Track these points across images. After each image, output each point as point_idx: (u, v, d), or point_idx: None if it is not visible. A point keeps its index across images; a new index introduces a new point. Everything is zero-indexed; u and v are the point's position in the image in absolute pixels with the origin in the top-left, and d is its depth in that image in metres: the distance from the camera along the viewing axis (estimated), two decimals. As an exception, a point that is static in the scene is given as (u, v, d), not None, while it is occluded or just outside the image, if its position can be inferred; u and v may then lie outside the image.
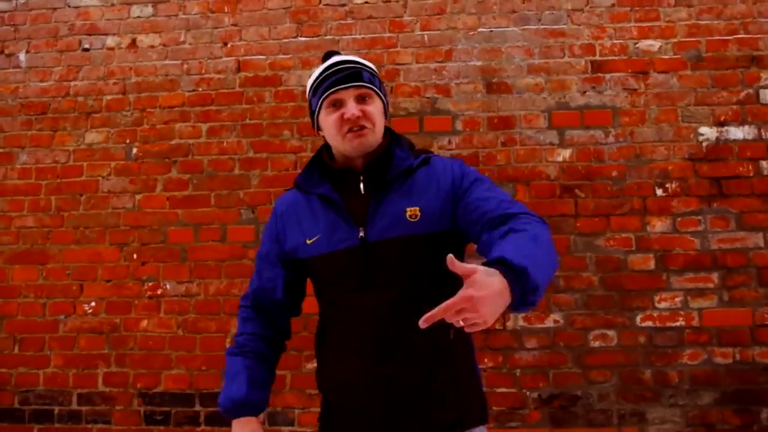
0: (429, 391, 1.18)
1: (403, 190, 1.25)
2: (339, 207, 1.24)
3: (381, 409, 1.19)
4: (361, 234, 1.21)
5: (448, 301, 0.88)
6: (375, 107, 1.25)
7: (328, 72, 1.26)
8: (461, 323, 0.90)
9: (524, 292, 0.94)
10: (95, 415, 2.57)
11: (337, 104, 1.24)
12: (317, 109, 1.28)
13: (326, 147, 1.36)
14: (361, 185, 1.26)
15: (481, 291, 0.88)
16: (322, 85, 1.26)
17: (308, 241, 1.26)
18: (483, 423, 1.24)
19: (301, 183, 1.33)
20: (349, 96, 1.23)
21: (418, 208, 1.22)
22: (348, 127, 1.22)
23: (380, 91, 1.30)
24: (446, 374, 1.20)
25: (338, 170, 1.29)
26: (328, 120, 1.25)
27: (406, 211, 1.21)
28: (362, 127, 1.23)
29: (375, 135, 1.25)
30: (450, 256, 0.91)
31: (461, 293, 0.89)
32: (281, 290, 1.34)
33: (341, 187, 1.27)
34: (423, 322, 0.89)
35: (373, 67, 1.31)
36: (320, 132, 1.32)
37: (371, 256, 1.20)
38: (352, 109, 1.22)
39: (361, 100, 1.24)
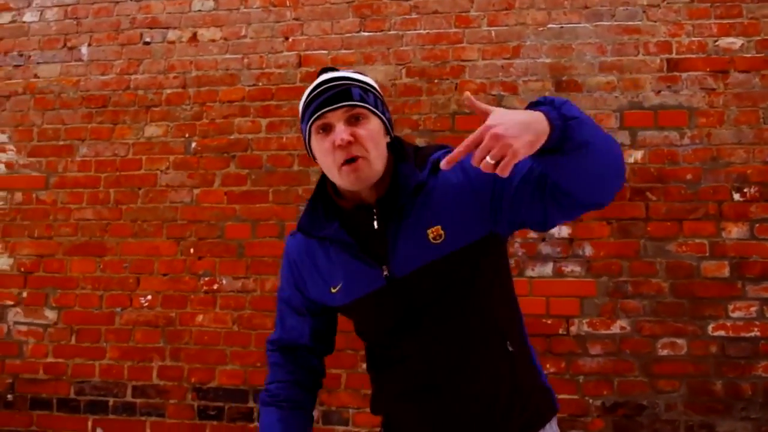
0: (494, 414, 1.24)
1: (416, 211, 1.26)
2: (352, 248, 1.27)
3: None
4: (386, 273, 1.24)
5: (465, 140, 0.95)
6: (369, 129, 1.23)
7: (314, 93, 1.25)
8: (491, 162, 0.93)
9: (563, 117, 1.00)
10: (149, 408, 2.99)
11: (327, 129, 1.23)
12: (307, 137, 1.28)
13: (328, 179, 1.36)
14: (374, 219, 1.26)
15: (499, 119, 0.94)
16: (309, 108, 1.25)
17: (333, 290, 1.31)
18: (554, 413, 1.34)
19: (306, 227, 1.35)
20: (337, 118, 1.21)
21: (439, 227, 1.23)
22: (342, 158, 1.20)
23: (376, 108, 1.27)
24: (509, 390, 1.26)
25: (347, 208, 1.29)
26: (319, 149, 1.25)
27: (427, 234, 1.23)
28: (355, 159, 1.21)
29: (372, 163, 1.23)
30: (467, 93, 1.01)
31: (480, 128, 0.94)
32: (308, 337, 1.42)
33: (352, 223, 1.29)
34: (445, 164, 0.98)
35: (369, 81, 1.30)
36: (316, 161, 1.31)
37: (402, 294, 1.24)
38: (341, 133, 1.19)
39: (352, 121, 1.22)
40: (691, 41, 2.80)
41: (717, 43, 2.79)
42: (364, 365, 2.83)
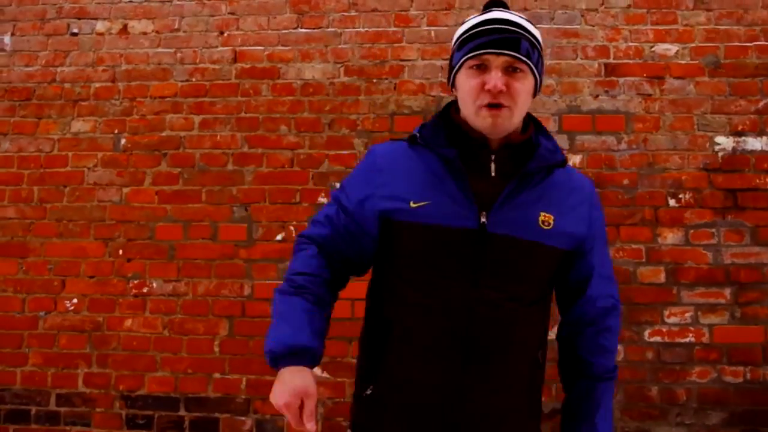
0: (508, 413, 1.43)
1: (540, 188, 1.46)
2: (463, 178, 1.41)
3: (452, 419, 1.40)
4: (483, 220, 1.39)
5: None
6: (523, 85, 1.41)
7: (481, 28, 1.42)
8: None
9: None
10: (74, 417, 3.30)
11: (482, 68, 1.40)
12: (457, 66, 1.46)
13: (455, 105, 1.55)
14: (492, 165, 1.45)
15: None
16: (471, 41, 1.42)
17: (413, 204, 1.41)
18: None
19: (428, 136, 1.48)
20: (497, 64, 1.38)
21: (552, 217, 1.43)
22: (486, 101, 1.39)
23: (536, 68, 1.45)
24: (527, 400, 1.48)
25: (471, 138, 1.47)
26: (465, 84, 1.43)
27: (539, 215, 1.42)
28: (500, 105, 1.39)
29: (513, 118, 1.42)
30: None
31: None
32: (356, 253, 1.53)
33: (467, 158, 1.44)
34: None
35: (537, 35, 1.47)
36: (454, 91, 1.52)
37: (488, 248, 1.38)
38: (495, 79, 1.37)
39: (510, 71, 1.39)
40: (627, 46, 3.22)
41: (653, 49, 3.22)
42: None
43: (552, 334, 1.60)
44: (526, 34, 1.41)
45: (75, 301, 3.32)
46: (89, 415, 3.26)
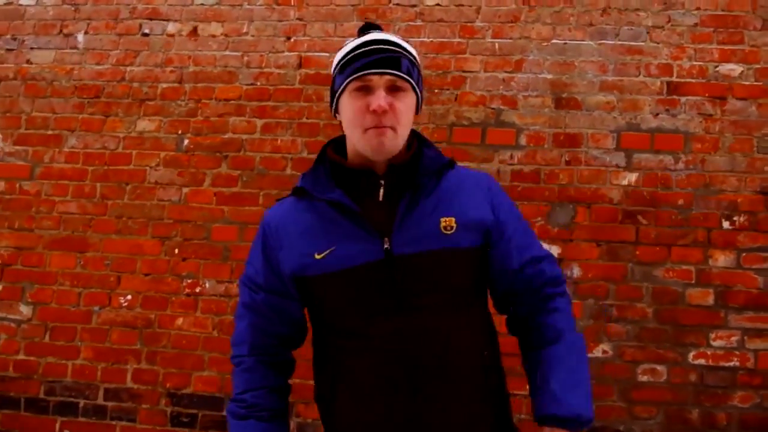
0: (470, 425, 1.81)
1: (435, 195, 1.87)
2: (355, 215, 1.80)
3: None
4: (386, 246, 1.78)
5: None
6: (406, 104, 1.83)
7: (361, 50, 1.82)
8: None
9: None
10: (121, 412, 4.32)
11: (366, 90, 1.79)
12: (339, 90, 1.85)
13: (334, 143, 1.99)
14: (381, 191, 1.85)
15: None
16: (352, 64, 1.81)
17: (318, 256, 1.81)
18: None
19: (308, 187, 1.88)
20: (381, 83, 1.78)
21: (453, 219, 1.84)
22: (373, 123, 1.77)
23: (417, 85, 1.87)
24: (483, 402, 1.85)
25: (354, 171, 1.88)
26: (349, 106, 1.82)
27: (440, 222, 1.82)
28: (385, 127, 1.78)
29: (398, 138, 1.82)
30: None
31: None
32: (286, 324, 1.95)
33: (355, 192, 1.85)
34: None
35: (414, 53, 1.90)
36: (337, 116, 1.91)
37: (399, 271, 1.77)
38: (380, 99, 1.75)
39: (393, 90, 1.80)
40: (692, 65, 4.20)
41: (717, 69, 4.19)
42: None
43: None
44: (405, 53, 1.85)
45: (129, 297, 4.38)
46: (135, 411, 4.27)
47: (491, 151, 4.30)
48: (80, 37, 4.79)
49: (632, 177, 4.21)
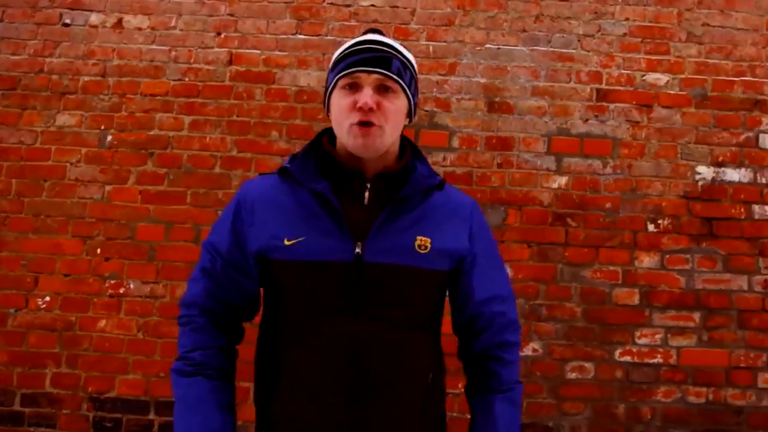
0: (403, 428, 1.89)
1: (416, 213, 1.95)
2: (336, 212, 1.87)
3: None
4: (358, 250, 1.86)
5: None
6: (394, 105, 1.90)
7: (353, 49, 1.92)
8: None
9: None
10: (39, 418, 4.31)
11: (354, 87, 1.88)
12: (330, 87, 1.95)
13: (328, 134, 2.05)
14: (366, 194, 1.93)
15: None
16: (343, 61, 1.91)
17: (287, 242, 1.88)
18: None
19: (295, 172, 1.93)
20: (369, 82, 1.86)
21: (429, 240, 1.93)
22: (357, 119, 1.84)
23: (408, 87, 1.94)
24: (421, 422, 1.95)
25: (344, 169, 1.95)
26: (338, 103, 1.90)
27: (416, 239, 1.92)
28: (369, 123, 1.84)
29: (384, 137, 1.88)
30: None
31: None
32: (243, 299, 2.01)
33: (340, 188, 1.92)
34: None
35: (409, 57, 1.99)
36: (329, 114, 1.98)
37: (364, 278, 1.85)
38: (366, 96, 1.83)
39: (381, 90, 1.87)
40: (620, 73, 4.49)
41: (644, 78, 4.50)
42: (277, 380, 4.42)
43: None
44: (398, 55, 1.94)
45: (47, 299, 4.38)
46: (55, 417, 4.27)
47: (424, 152, 4.42)
48: (-5, 24, 4.71)
49: (562, 180, 4.52)
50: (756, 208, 4.47)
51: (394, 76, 1.90)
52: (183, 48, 4.70)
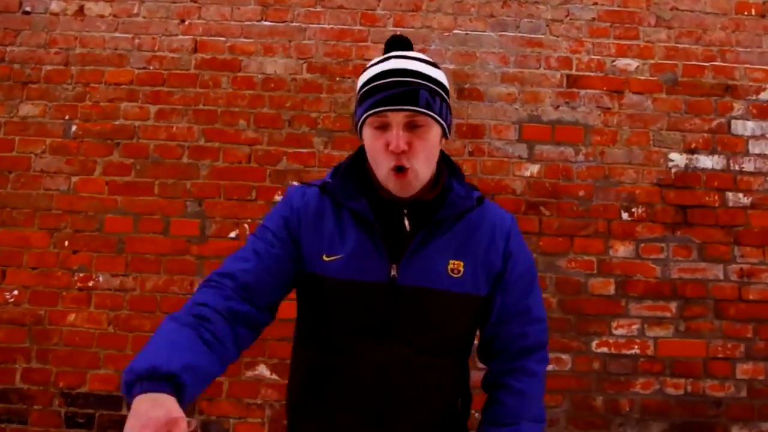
0: None
1: (451, 235, 1.92)
2: (374, 232, 1.86)
3: None
4: (393, 273, 1.85)
5: None
6: (426, 140, 1.86)
7: (378, 83, 1.86)
8: None
9: None
10: (10, 414, 4.25)
11: (383, 127, 1.84)
12: (360, 122, 1.92)
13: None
14: (405, 220, 1.92)
15: None
16: (369, 98, 1.86)
17: (326, 258, 1.87)
18: None
19: (336, 191, 1.93)
20: (398, 120, 1.82)
21: (462, 264, 1.90)
22: (392, 163, 1.82)
23: (440, 114, 1.88)
24: None
25: (381, 195, 1.92)
26: (371, 144, 1.88)
27: (449, 264, 1.89)
28: (403, 168, 1.82)
29: (419, 175, 1.86)
30: None
31: None
32: (269, 298, 1.89)
33: (379, 209, 1.90)
34: None
35: (439, 78, 1.92)
36: (361, 140, 1.95)
37: (397, 301, 1.84)
38: (397, 139, 1.80)
39: (411, 128, 1.83)
40: (590, 59, 4.41)
41: (614, 63, 4.42)
42: (248, 373, 4.37)
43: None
44: (425, 84, 1.85)
45: (15, 292, 4.30)
46: (26, 413, 4.21)
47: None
48: (-48, 13, 4.57)
49: (534, 168, 4.44)
50: (730, 195, 4.42)
51: (424, 110, 1.83)
52: (147, 36, 4.58)
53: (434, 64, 1.97)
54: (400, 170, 1.83)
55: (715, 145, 4.43)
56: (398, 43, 2.01)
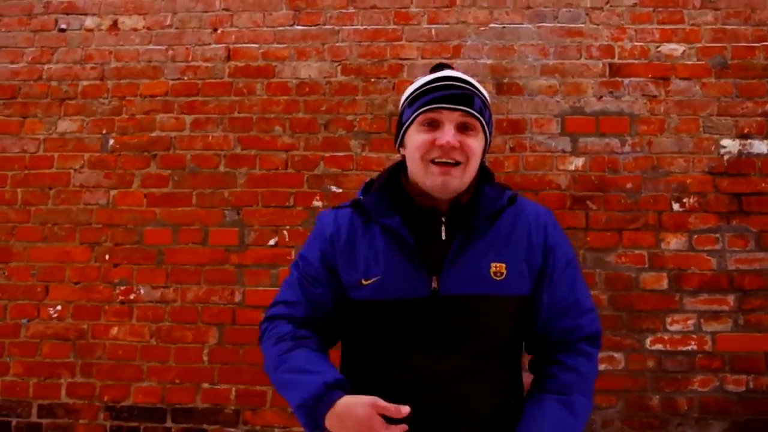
0: None
1: (488, 237, 1.86)
2: (409, 248, 1.82)
3: None
4: (434, 285, 1.80)
5: None
6: (477, 142, 1.83)
7: (433, 85, 1.85)
8: None
9: None
10: (57, 429, 4.15)
11: (434, 124, 1.82)
12: (407, 123, 1.88)
13: (404, 167, 1.96)
14: (442, 228, 1.86)
15: None
16: (423, 97, 1.84)
17: (365, 282, 1.83)
18: None
19: (370, 207, 1.90)
20: (451, 119, 1.80)
21: (504, 265, 1.83)
22: (436, 156, 1.79)
23: (488, 127, 1.88)
24: None
25: (417, 205, 1.88)
26: (415, 139, 1.84)
27: (491, 267, 1.82)
28: (453, 163, 1.79)
29: (465, 177, 1.83)
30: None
31: None
32: (332, 309, 1.91)
33: (415, 223, 1.86)
34: None
35: (486, 94, 1.92)
36: (401, 150, 1.93)
37: (443, 312, 1.79)
38: (448, 135, 1.77)
39: (463, 129, 1.81)
40: (633, 46, 4.14)
41: (659, 49, 4.14)
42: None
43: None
44: (478, 93, 1.86)
45: (59, 307, 4.21)
46: (72, 427, 4.11)
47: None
48: (-8, 34, 4.52)
49: (579, 162, 4.17)
50: None
51: (477, 114, 1.82)
52: (180, 46, 4.47)
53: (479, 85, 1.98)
54: (446, 163, 1.80)
55: (770, 130, 4.06)
56: (444, 66, 1.99)
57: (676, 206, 4.09)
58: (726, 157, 4.11)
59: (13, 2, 4.55)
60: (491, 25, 4.31)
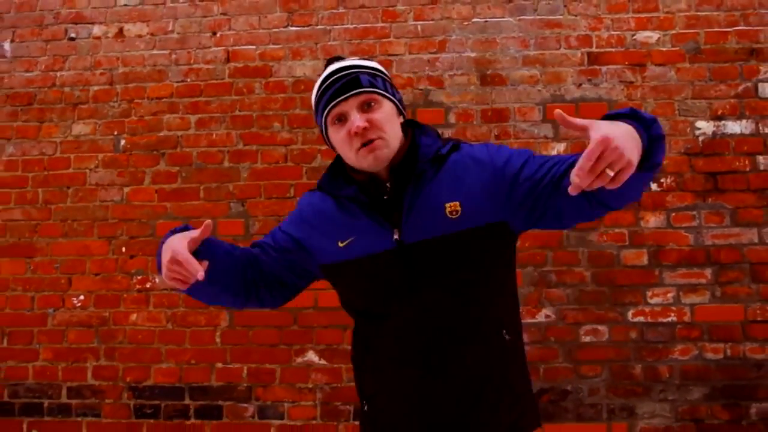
0: (481, 400, 1.83)
1: (437, 181, 1.89)
2: (369, 207, 1.91)
3: (430, 419, 1.84)
4: (396, 236, 1.85)
5: (584, 155, 1.35)
6: (383, 112, 1.89)
7: (325, 84, 1.93)
8: (610, 173, 1.36)
9: (651, 139, 1.55)
10: (85, 408, 4.39)
11: (342, 118, 1.89)
12: (324, 127, 1.96)
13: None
14: (387, 186, 1.90)
15: (612, 130, 1.39)
16: (321, 100, 1.93)
17: (341, 244, 1.92)
18: (537, 426, 1.97)
19: (326, 185, 2.03)
20: (351, 107, 1.87)
21: (458, 203, 1.85)
22: (359, 143, 1.85)
23: (386, 91, 1.93)
24: (500, 380, 1.86)
25: (362, 183, 1.94)
26: (337, 138, 1.92)
27: (445, 207, 1.85)
28: (372, 140, 1.85)
29: (389, 144, 1.89)
30: (558, 111, 1.44)
31: (593, 139, 1.35)
32: (288, 268, 2.02)
33: (368, 193, 1.93)
34: (573, 189, 1.40)
35: (375, 65, 1.98)
36: (335, 151, 2.00)
37: (409, 259, 1.84)
38: (356, 121, 1.84)
39: (365, 107, 1.87)
40: (610, 35, 4.21)
41: (635, 37, 4.21)
42: (298, 359, 4.25)
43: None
44: (363, 69, 1.92)
45: (81, 297, 4.40)
46: (99, 406, 4.32)
47: (421, 132, 4.18)
48: (7, 45, 4.72)
49: (561, 147, 4.26)
50: (761, 159, 4.15)
51: (369, 89, 1.88)
52: (182, 50, 4.60)
53: (368, 59, 2.08)
54: (367, 144, 1.85)
55: (743, 110, 4.18)
56: (333, 59, 2.05)
57: (654, 186, 4.16)
58: (701, 139, 4.17)
59: (26, 14, 4.70)
60: (474, 19, 4.38)
